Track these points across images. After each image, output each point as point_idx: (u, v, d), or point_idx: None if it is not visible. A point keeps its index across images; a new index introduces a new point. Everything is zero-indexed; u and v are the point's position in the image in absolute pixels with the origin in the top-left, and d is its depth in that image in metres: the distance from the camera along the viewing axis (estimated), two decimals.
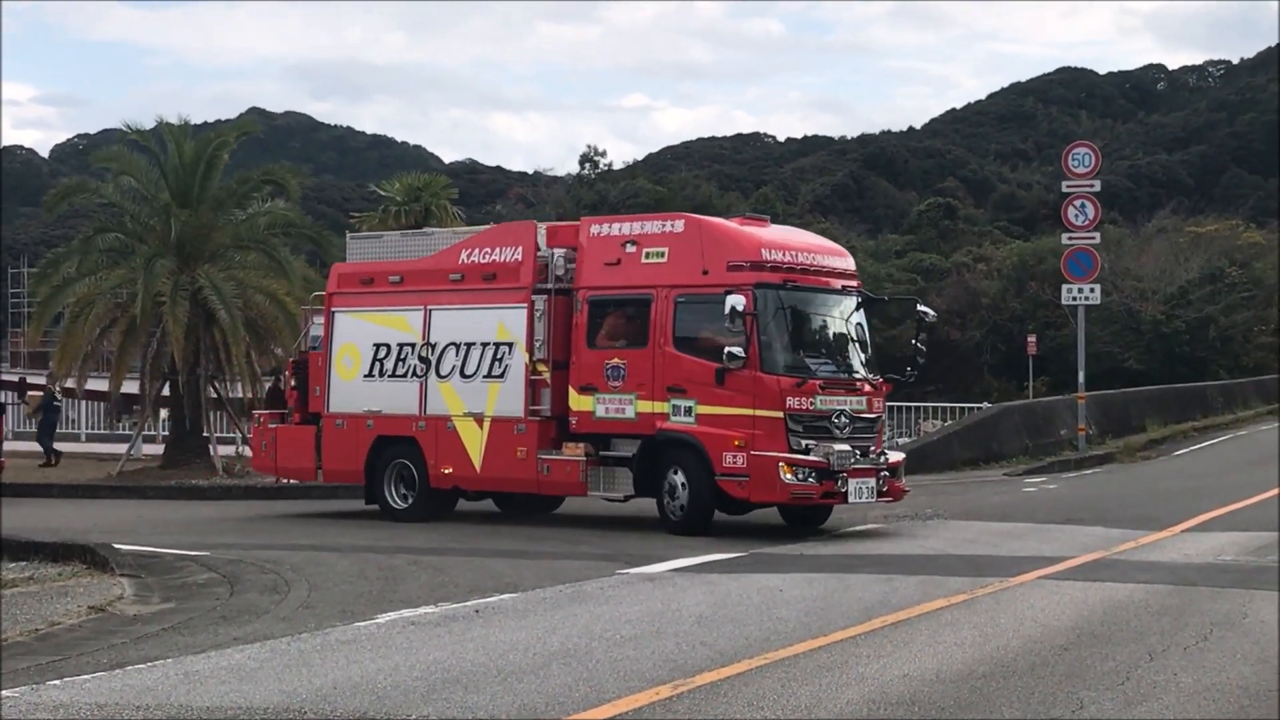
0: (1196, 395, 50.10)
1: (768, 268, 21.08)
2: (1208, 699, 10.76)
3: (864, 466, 21.03)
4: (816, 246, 22.69)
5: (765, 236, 21.82)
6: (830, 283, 22.05)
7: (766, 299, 20.85)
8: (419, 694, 10.75)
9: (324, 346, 24.98)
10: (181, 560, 18.55)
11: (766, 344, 20.76)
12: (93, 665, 12.01)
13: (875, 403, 21.76)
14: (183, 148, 34.32)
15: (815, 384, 20.90)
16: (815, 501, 21.09)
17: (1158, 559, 18.47)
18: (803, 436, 20.65)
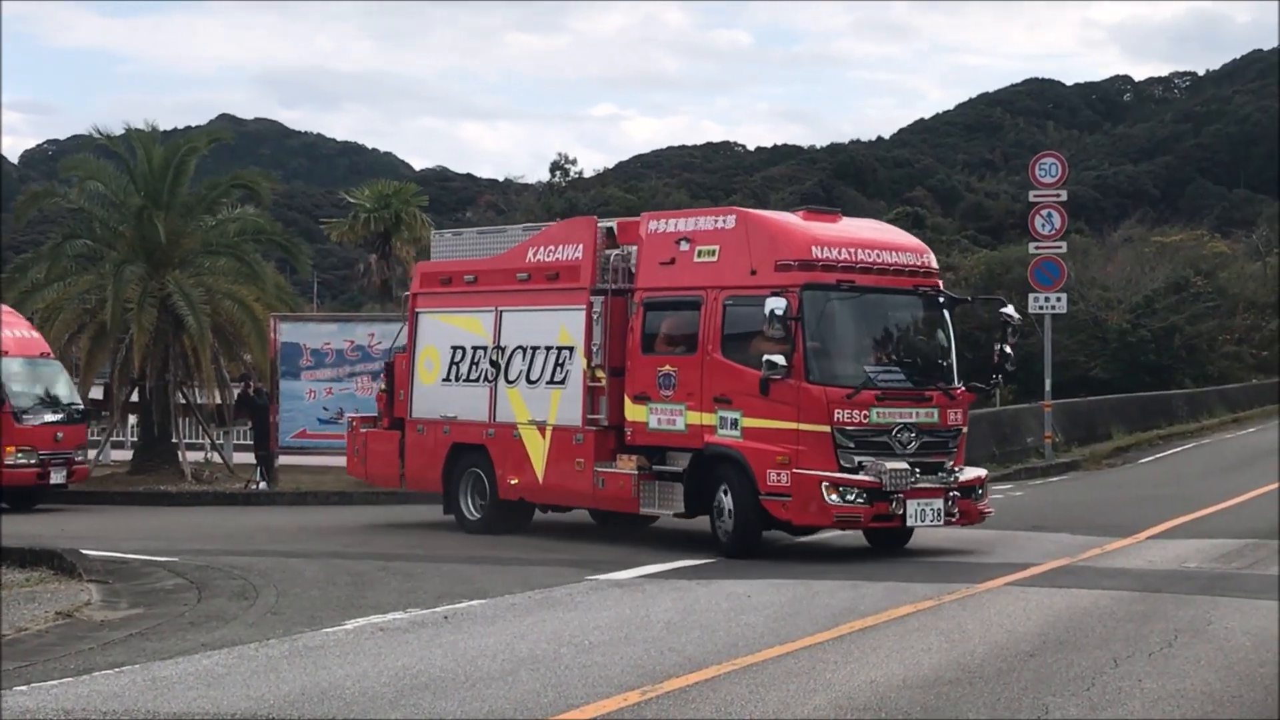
0: (1162, 404, 50.27)
1: (819, 267, 19.03)
2: (1172, 705, 10.79)
3: (927, 486, 18.86)
4: (885, 243, 20.21)
5: (818, 232, 19.63)
6: (900, 282, 19.76)
7: (814, 301, 18.79)
8: (387, 700, 10.72)
9: (408, 349, 23.96)
10: (149, 566, 18.48)
11: (813, 351, 18.72)
12: (59, 671, 11.95)
13: (952, 415, 19.48)
14: (152, 153, 34.19)
15: (871, 395, 18.72)
16: (864, 525, 19.12)
17: (1123, 566, 18.52)
18: (855, 453, 18.63)
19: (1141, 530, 22.15)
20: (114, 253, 33.63)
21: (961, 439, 19.76)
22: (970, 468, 20.34)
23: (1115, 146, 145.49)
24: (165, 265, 33.18)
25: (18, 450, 27.11)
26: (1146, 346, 64.84)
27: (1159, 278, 72.05)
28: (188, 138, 37.06)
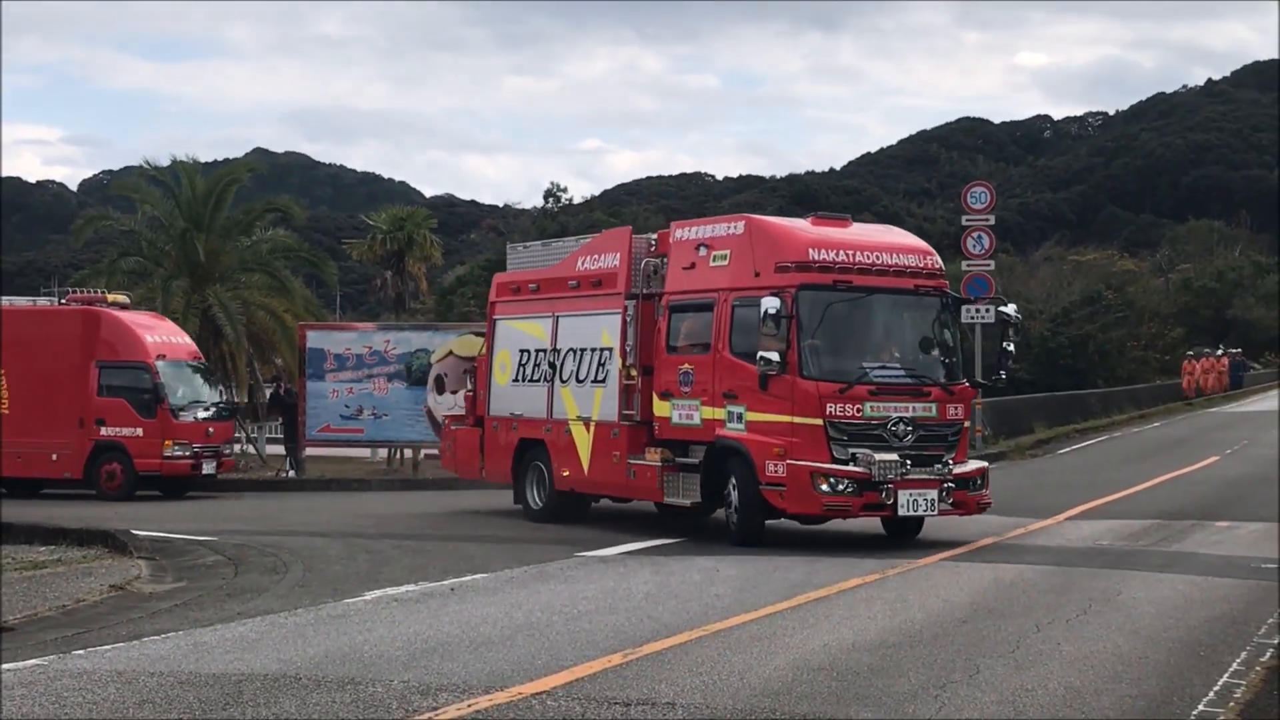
0: (1078, 401, 50.29)
1: (815, 268, 17.87)
2: (1087, 665, 10.80)
3: (920, 477, 17.54)
4: (886, 245, 18.89)
5: (818, 236, 18.40)
6: (900, 283, 18.41)
7: (810, 300, 17.65)
8: (400, 662, 10.69)
9: (486, 352, 23.32)
10: (192, 545, 18.41)
11: (807, 348, 17.58)
12: (113, 637, 11.91)
13: (951, 409, 18.09)
14: (195, 182, 34.18)
15: (865, 390, 17.51)
16: (855, 514, 17.81)
17: (1044, 543, 18.54)
18: (849, 445, 17.44)
19: (1060, 512, 22.18)
20: (161, 269, 33.61)
21: (964, 433, 18.48)
22: (974, 461, 19.09)
23: (1037, 177, 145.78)
24: (206, 281, 33.13)
25: (174, 443, 26.88)
26: (1064, 351, 64.86)
27: (1075, 291, 72.22)
28: (227, 169, 37.07)
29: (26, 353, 27.52)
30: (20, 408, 27.28)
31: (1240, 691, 10.00)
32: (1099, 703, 9.65)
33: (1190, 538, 19.26)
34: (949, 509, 17.89)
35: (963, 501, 18.02)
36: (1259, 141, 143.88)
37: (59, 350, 27.41)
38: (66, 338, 27.55)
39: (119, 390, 27.17)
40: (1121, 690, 10.04)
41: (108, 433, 27.01)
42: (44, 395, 27.29)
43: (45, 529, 20.16)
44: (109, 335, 27.45)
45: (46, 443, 27.07)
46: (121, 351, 27.32)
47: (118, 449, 27.01)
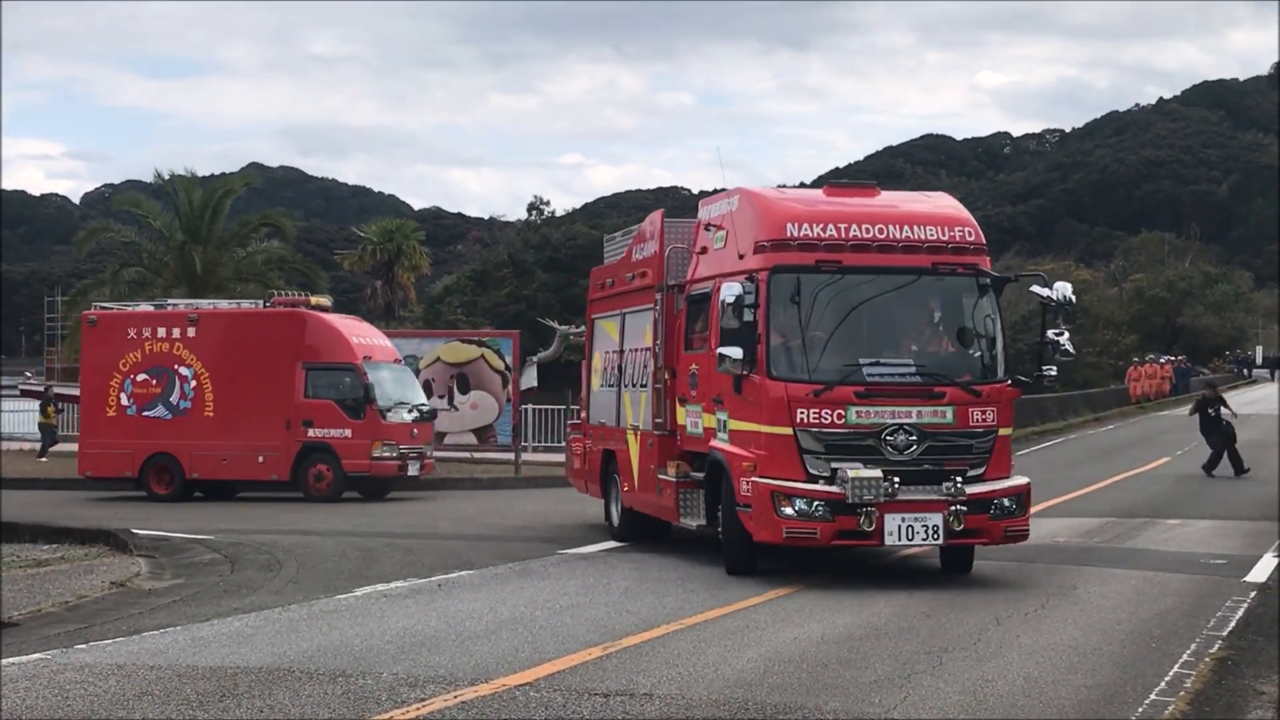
0: (1036, 405, 50.30)
1: (794, 246, 14.34)
2: (1044, 657, 10.83)
3: (916, 499, 13.94)
4: (897, 216, 14.90)
5: (801, 208, 14.88)
6: (911, 260, 14.55)
7: (783, 286, 14.24)
8: (390, 655, 10.67)
9: (585, 355, 20.64)
10: (190, 543, 18.35)
11: (776, 342, 14.23)
12: (114, 631, 11.87)
13: (977, 414, 14.26)
14: (192, 196, 34.15)
15: (848, 392, 13.95)
16: (824, 544, 14.02)
17: None
18: (831, 459, 13.93)
19: None
20: (161, 279, 33.54)
21: (999, 443, 14.54)
22: (1014, 478, 14.82)
23: (997, 191, 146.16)
24: (204, 290, 33.06)
25: (383, 444, 25.97)
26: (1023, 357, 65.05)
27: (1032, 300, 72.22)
28: (222, 183, 37.04)
29: (230, 355, 26.41)
30: (225, 411, 26.22)
31: (1190, 681, 10.03)
32: (1056, 693, 9.67)
33: (1143, 535, 19.32)
34: (960, 538, 14.19)
35: (982, 529, 14.19)
36: (1208, 157, 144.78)
37: (264, 353, 26.29)
38: (272, 340, 26.35)
39: (326, 392, 26.12)
40: (1078, 680, 10.07)
41: (316, 434, 25.93)
42: (249, 398, 26.23)
43: (49, 528, 20.08)
44: (314, 338, 26.38)
45: (252, 445, 26.07)
46: (326, 353, 26.26)
47: (326, 451, 25.97)
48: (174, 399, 26.53)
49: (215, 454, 26.24)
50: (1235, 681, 10.07)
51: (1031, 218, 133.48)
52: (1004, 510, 14.39)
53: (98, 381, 27.14)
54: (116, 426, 26.72)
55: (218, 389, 26.32)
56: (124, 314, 28.01)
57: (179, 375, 26.47)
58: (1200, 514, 21.88)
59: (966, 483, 14.14)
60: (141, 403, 26.63)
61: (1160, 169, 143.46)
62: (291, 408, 26.00)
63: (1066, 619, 12.45)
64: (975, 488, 14.19)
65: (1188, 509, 22.62)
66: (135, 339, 26.80)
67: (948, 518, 14.00)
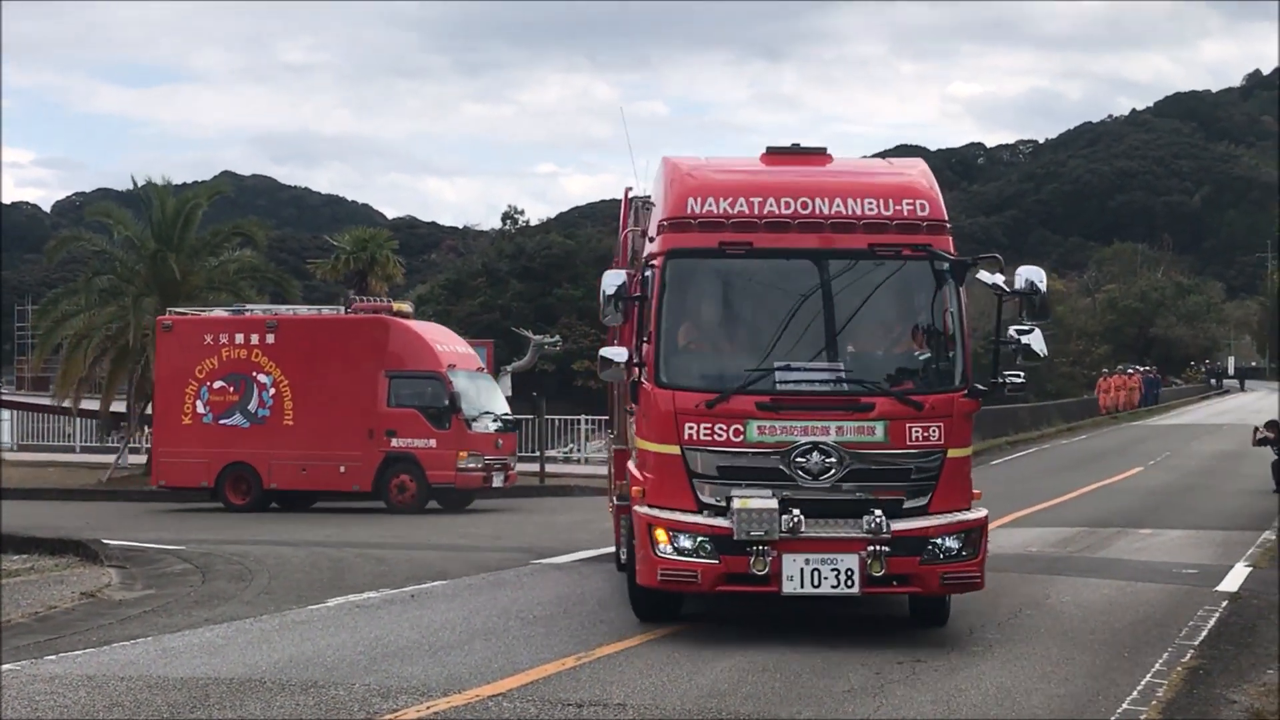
0: (1009, 415, 50.52)
1: (695, 225, 11.81)
2: (1017, 666, 10.87)
3: (825, 536, 11.27)
4: (830, 187, 12.07)
5: (709, 178, 12.27)
6: (842, 241, 11.80)
7: (678, 273, 11.79)
8: (362, 665, 10.65)
9: None
10: (161, 553, 18.28)
11: (669, 342, 11.73)
12: (84, 642, 11.81)
13: (917, 431, 11.45)
14: (165, 204, 34.01)
15: (749, 402, 11.34)
16: (706, 589, 11.44)
17: None
18: (726, 484, 11.37)
19: (992, 520, 22.17)
20: (133, 288, 33.38)
21: (949, 467, 11.64)
22: (971, 511, 11.92)
23: (971, 201, 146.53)
24: (176, 298, 32.86)
25: (469, 455, 25.42)
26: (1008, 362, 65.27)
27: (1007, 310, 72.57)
28: (195, 191, 36.87)
29: (310, 363, 25.79)
30: (304, 419, 25.67)
31: (1162, 690, 10.08)
32: (1029, 701, 9.71)
33: (1115, 544, 19.40)
34: (880, 586, 11.34)
35: (911, 575, 11.39)
36: (1180, 168, 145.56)
37: (345, 360, 25.65)
38: (353, 347, 25.74)
39: (410, 401, 25.55)
40: (1050, 689, 10.11)
41: (399, 444, 25.36)
42: (330, 406, 25.64)
43: (19, 538, 19.97)
44: (398, 345, 25.81)
45: (334, 455, 25.53)
46: (410, 361, 25.62)
47: (409, 461, 25.39)
48: (252, 407, 26.00)
49: (294, 464, 25.69)
50: (1207, 691, 10.13)
51: (1005, 228, 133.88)
52: (943, 553, 11.45)
53: (173, 389, 26.51)
54: (192, 435, 26.14)
55: (297, 397, 25.78)
56: (201, 319, 27.33)
57: (257, 383, 25.93)
58: (1172, 524, 21.99)
59: (899, 516, 11.36)
60: (218, 411, 26.06)
61: (1133, 180, 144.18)
62: (374, 417, 25.42)
63: (1039, 628, 12.49)
64: (906, 523, 11.36)
65: (1160, 519, 22.73)
66: (212, 345, 26.23)
67: (865, 560, 11.20)
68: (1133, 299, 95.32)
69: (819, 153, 12.96)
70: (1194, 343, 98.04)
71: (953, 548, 11.53)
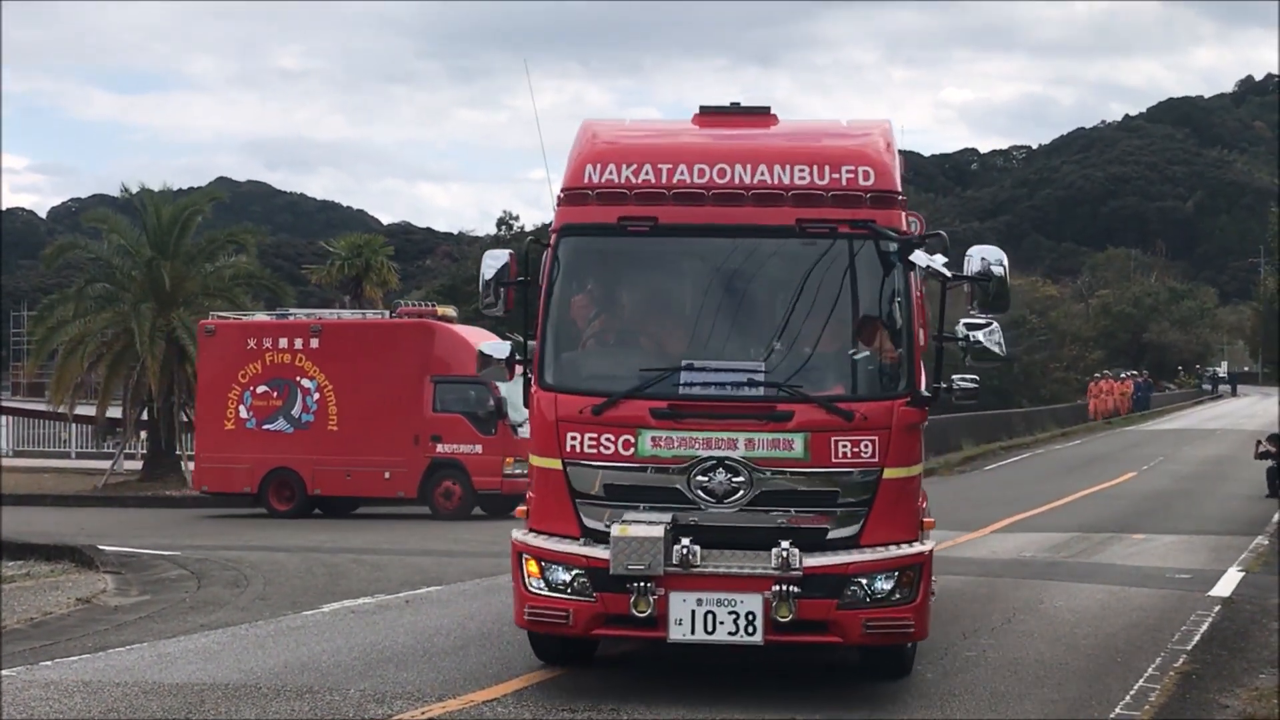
0: (1003, 420, 50.57)
1: (593, 197, 9.90)
2: (1010, 670, 10.89)
3: (724, 571, 9.31)
4: (750, 151, 10.08)
5: (617, 141, 10.36)
6: (761, 215, 9.78)
7: (570, 254, 9.97)
8: (357, 671, 10.65)
9: None
10: (156, 559, 18.27)
11: (555, 335, 9.95)
12: (80, 648, 11.81)
13: (845, 445, 9.44)
14: (161, 211, 34.04)
15: (642, 408, 9.44)
16: (580, 633, 9.63)
17: (971, 555, 18.63)
18: (614, 506, 9.49)
19: (986, 525, 22.31)
20: (128, 294, 33.38)
21: (886, 490, 9.54)
22: (914, 544, 9.72)
23: (964, 207, 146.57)
24: (171, 305, 32.95)
25: (515, 461, 24.68)
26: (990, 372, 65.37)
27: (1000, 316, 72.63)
28: (191, 198, 36.93)
29: (355, 367, 25.39)
30: (349, 425, 25.35)
31: (1155, 695, 10.10)
32: (1023, 707, 9.73)
33: (1108, 550, 19.43)
34: (788, 632, 9.32)
35: (828, 622, 9.34)
36: (1173, 174, 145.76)
37: (390, 365, 25.36)
38: (398, 352, 25.38)
39: (455, 406, 25.25)
40: (1044, 694, 10.12)
41: (445, 450, 25.09)
42: (375, 411, 25.29)
43: (15, 544, 19.95)
44: (443, 350, 25.50)
45: (378, 461, 25.21)
46: (456, 366, 25.05)
47: (455, 467, 25.12)
48: (295, 412, 25.77)
49: (339, 469, 25.42)
50: (1200, 695, 10.14)
51: (999, 234, 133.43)
52: (869, 595, 9.38)
53: (215, 394, 26.24)
54: (235, 440, 25.93)
55: (341, 402, 25.49)
56: (243, 324, 27.11)
57: (301, 387, 25.71)
58: (1165, 529, 22.02)
59: (822, 549, 9.36)
60: (262, 416, 25.84)
61: (1126, 185, 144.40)
62: (420, 422, 25.16)
63: (1033, 633, 12.51)
64: (823, 558, 9.32)
65: (1153, 524, 22.76)
66: (255, 350, 25.98)
67: (770, 602, 9.23)
68: (1126, 304, 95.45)
69: (760, 113, 10.80)
70: (1187, 348, 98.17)
71: (882, 589, 9.42)
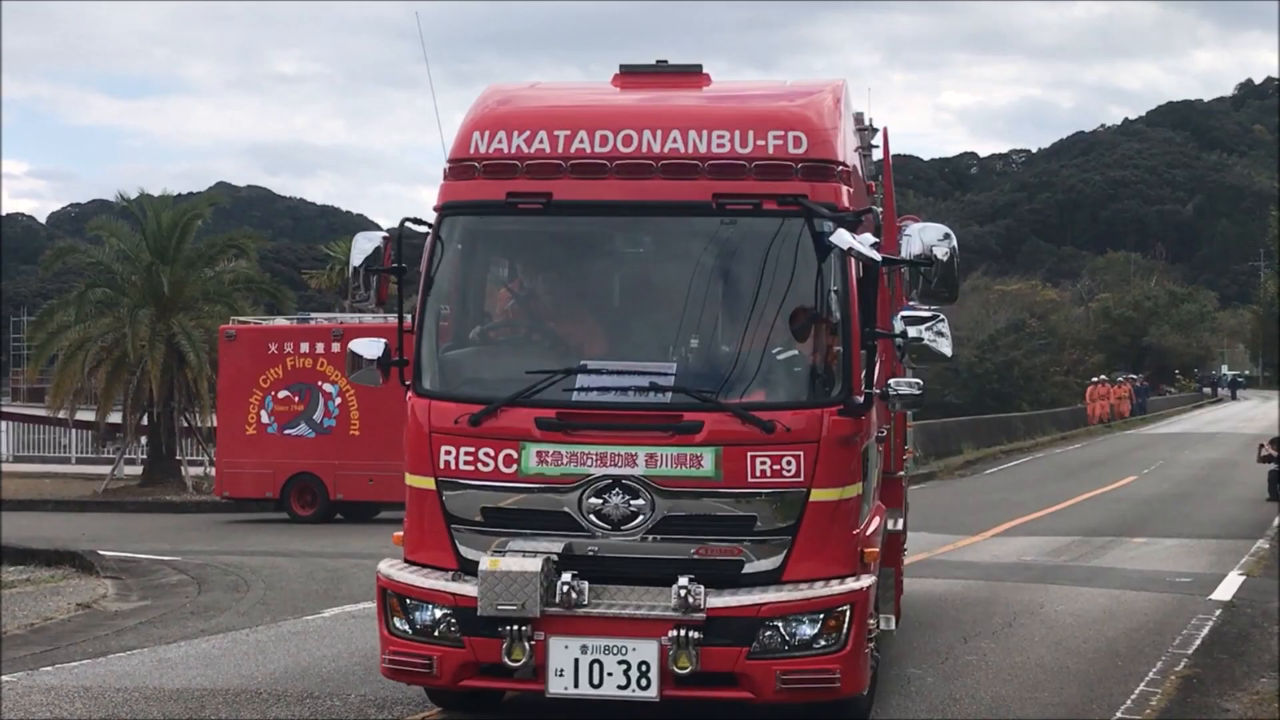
0: (1003, 424, 50.58)
1: (478, 170, 8.53)
2: (1011, 675, 10.89)
3: (615, 613, 7.93)
4: (661, 114, 8.55)
5: (512, 105, 8.90)
6: (671, 189, 8.28)
7: (452, 236, 8.69)
8: (357, 676, 10.65)
9: None
10: (157, 564, 18.26)
11: (429, 333, 8.74)
12: (80, 654, 11.81)
13: (764, 462, 7.91)
14: (160, 216, 34.01)
15: (526, 417, 8.10)
16: (447, 684, 8.30)
17: (971, 559, 18.63)
18: (494, 533, 8.17)
19: (987, 529, 22.30)
20: (128, 299, 33.32)
21: (814, 514, 7.98)
22: (848, 580, 8.09)
23: (964, 211, 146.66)
24: (171, 310, 32.91)
25: None
26: (991, 376, 65.28)
27: (1001, 320, 72.71)
28: (191, 203, 36.86)
29: None
30: (371, 429, 24.89)
31: (1156, 699, 10.10)
32: (1023, 711, 9.73)
33: (1109, 553, 19.42)
34: (689, 686, 7.90)
35: (739, 675, 7.90)
36: (1173, 178, 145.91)
37: None
38: None
39: None
40: (1044, 699, 10.12)
41: None
42: (397, 416, 25.27)
43: (15, 550, 19.93)
44: None
45: (401, 465, 25.11)
46: None
47: None
48: (317, 417, 25.56)
49: (361, 474, 25.05)
50: (1201, 699, 10.15)
51: (999, 238, 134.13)
52: (787, 641, 7.89)
53: (236, 399, 26.03)
54: (256, 445, 25.72)
55: (364, 406, 25.12)
56: (264, 329, 27.00)
57: (323, 392, 25.49)
58: (1166, 533, 22.01)
59: (736, 585, 7.91)
60: (283, 421, 25.62)
61: (1126, 189, 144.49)
62: None
63: (1034, 637, 12.50)
64: (733, 597, 7.86)
65: (1153, 528, 22.75)
66: (276, 354, 25.77)
67: (668, 649, 7.80)
68: (1126, 308, 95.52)
69: (690, 72, 9.16)
70: (1187, 351, 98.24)
71: (804, 635, 7.87)
